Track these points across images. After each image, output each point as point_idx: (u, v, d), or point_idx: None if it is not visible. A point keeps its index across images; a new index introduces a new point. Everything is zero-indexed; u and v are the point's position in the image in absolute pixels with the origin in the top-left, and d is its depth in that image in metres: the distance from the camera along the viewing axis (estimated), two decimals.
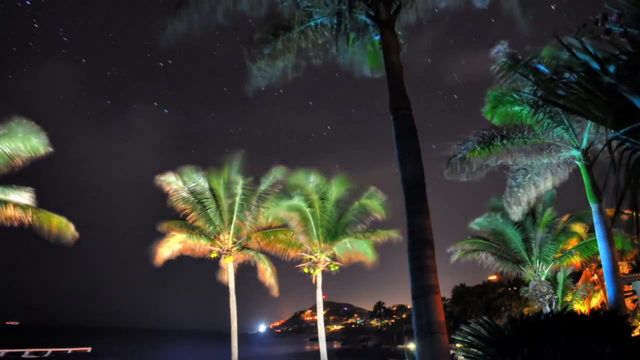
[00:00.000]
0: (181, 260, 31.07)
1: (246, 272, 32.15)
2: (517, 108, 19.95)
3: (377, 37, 14.54)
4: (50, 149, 20.93)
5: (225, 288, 30.63)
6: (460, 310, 67.62)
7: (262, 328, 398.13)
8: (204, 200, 30.45)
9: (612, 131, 5.41)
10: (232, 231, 30.89)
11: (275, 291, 32.06)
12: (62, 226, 21.85)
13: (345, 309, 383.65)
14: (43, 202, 21.89)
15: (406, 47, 15.05)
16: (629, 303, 28.76)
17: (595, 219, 18.61)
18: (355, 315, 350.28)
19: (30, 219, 20.89)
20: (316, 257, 30.90)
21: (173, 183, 29.63)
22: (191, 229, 30.59)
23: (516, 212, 23.67)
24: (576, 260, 30.96)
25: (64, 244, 22.16)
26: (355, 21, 14.44)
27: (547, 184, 22.11)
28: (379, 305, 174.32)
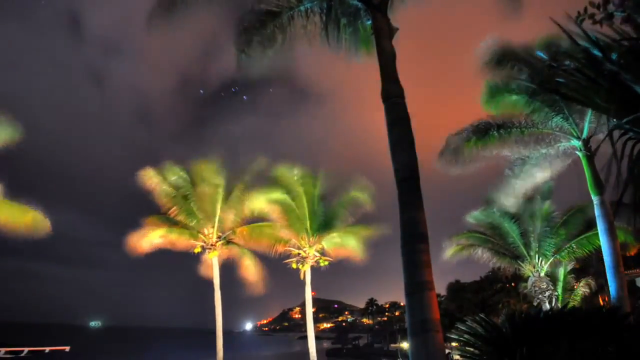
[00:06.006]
0: (164, 257, 31.03)
1: (232, 268, 32.13)
2: (514, 97, 19.99)
3: (369, 22, 14.48)
4: (23, 139, 20.76)
5: (210, 284, 30.65)
6: (455, 307, 67.61)
7: (248, 326, 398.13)
8: (187, 193, 30.46)
9: (615, 120, 5.43)
10: (216, 225, 30.89)
11: (261, 288, 31.97)
12: (37, 220, 21.67)
13: (336, 306, 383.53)
14: (17, 194, 21.69)
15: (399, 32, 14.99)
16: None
17: (597, 211, 18.67)
18: (346, 312, 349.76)
19: (2, 212, 20.70)
20: (305, 252, 30.94)
21: (154, 177, 29.60)
22: (174, 223, 30.57)
23: (512, 204, 23.78)
24: (577, 255, 30.95)
25: (39, 238, 22.00)
26: (346, 5, 14.41)
27: (545, 175, 22.18)
28: (371, 302, 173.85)
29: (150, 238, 29.62)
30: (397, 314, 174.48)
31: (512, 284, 59.01)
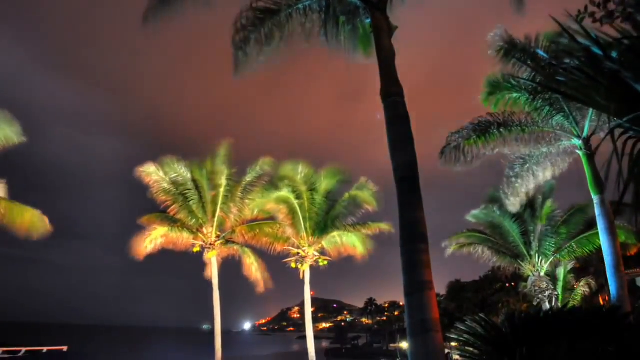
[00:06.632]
0: (162, 255, 30.91)
1: (231, 267, 32.06)
2: (515, 95, 19.94)
3: (368, 20, 14.46)
4: (24, 139, 20.74)
5: (209, 284, 30.56)
6: (455, 307, 67.58)
7: (247, 326, 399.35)
8: (186, 191, 30.36)
9: (615, 119, 5.42)
10: (215, 224, 30.80)
11: (262, 287, 31.82)
12: (36, 220, 21.63)
13: (335, 306, 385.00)
14: (15, 194, 21.52)
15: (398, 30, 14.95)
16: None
17: (597, 211, 18.61)
18: (345, 312, 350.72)
19: (2, 212, 20.65)
20: (304, 251, 30.88)
21: (153, 174, 29.47)
22: (173, 221, 30.38)
23: (514, 204, 23.71)
24: (577, 254, 30.93)
25: (37, 238, 21.93)
26: (345, 3, 14.38)
27: (546, 174, 22.13)
28: (370, 302, 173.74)
29: (153, 238, 29.40)
30: (396, 313, 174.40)
31: (512, 284, 59.06)
